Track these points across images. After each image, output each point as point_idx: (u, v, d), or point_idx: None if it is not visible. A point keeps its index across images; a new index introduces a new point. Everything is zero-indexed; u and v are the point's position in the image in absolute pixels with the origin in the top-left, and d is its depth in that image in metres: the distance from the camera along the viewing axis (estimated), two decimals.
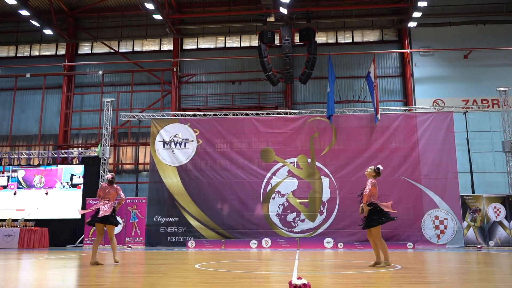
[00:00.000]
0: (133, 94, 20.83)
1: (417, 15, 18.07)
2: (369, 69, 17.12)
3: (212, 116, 17.30)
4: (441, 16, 19.73)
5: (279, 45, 19.02)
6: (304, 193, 16.24)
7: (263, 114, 17.33)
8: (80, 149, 19.76)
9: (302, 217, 16.05)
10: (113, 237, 8.34)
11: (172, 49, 21.05)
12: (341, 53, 20.17)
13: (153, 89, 21.01)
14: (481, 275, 6.58)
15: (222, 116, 17.30)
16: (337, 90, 18.71)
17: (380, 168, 7.72)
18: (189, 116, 17.46)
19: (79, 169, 17.26)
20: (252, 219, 16.14)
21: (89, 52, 21.91)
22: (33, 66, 21.34)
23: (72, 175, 17.19)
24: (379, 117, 16.21)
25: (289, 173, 16.45)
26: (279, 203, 16.20)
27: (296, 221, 16.05)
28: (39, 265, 8.36)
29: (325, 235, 15.56)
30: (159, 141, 16.97)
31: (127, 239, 15.58)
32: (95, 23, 21.61)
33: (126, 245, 15.47)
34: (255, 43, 20.66)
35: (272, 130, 16.84)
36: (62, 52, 21.77)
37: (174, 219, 16.32)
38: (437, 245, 15.22)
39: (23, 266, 8.42)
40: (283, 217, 16.10)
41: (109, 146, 17.44)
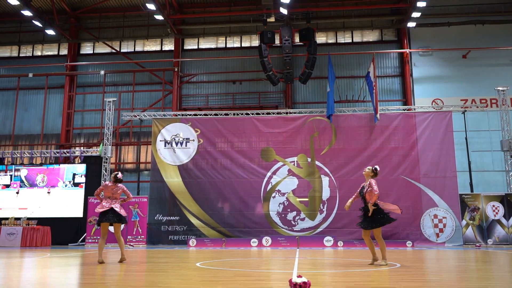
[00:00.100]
0: (134, 94, 20.95)
1: (416, 15, 18.12)
2: (369, 69, 17.20)
3: (213, 115, 17.41)
4: (440, 16, 19.79)
5: (279, 45, 19.06)
6: (304, 192, 16.33)
7: (263, 113, 17.43)
8: (82, 148, 19.91)
9: (302, 215, 16.15)
10: (120, 236, 8.52)
11: (173, 49, 21.14)
12: (340, 53, 20.24)
13: (154, 89, 21.12)
14: (479, 273, 6.63)
15: (222, 115, 17.40)
16: (336, 90, 18.80)
17: (377, 168, 7.86)
18: (190, 115, 17.56)
19: (81, 168, 17.36)
20: (252, 217, 16.24)
21: (91, 52, 22.01)
22: (35, 66, 21.46)
23: (74, 174, 17.29)
24: (378, 116, 16.29)
25: (289, 172, 16.54)
26: (279, 202, 16.30)
27: (296, 220, 16.15)
28: (42, 264, 8.40)
29: (325, 233, 15.66)
30: (161, 141, 17.07)
31: (128, 237, 15.67)
32: (97, 23, 21.71)
33: (127, 243, 15.57)
34: (256, 43, 20.74)
35: (272, 129, 16.93)
36: (64, 52, 21.86)
37: (175, 217, 16.43)
38: (436, 243, 15.30)
39: (26, 264, 8.46)
40: (283, 216, 16.20)
41: (110, 145, 17.53)
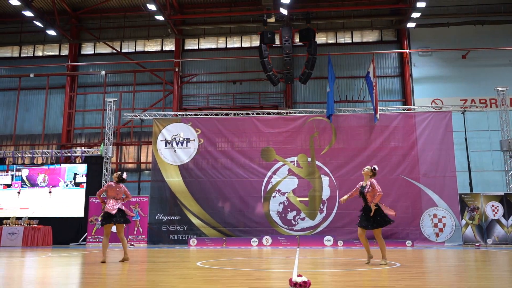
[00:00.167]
0: (135, 94, 21.01)
1: (416, 15, 18.14)
2: (369, 69, 17.25)
3: (213, 115, 17.47)
4: (439, 16, 19.82)
5: (279, 45, 19.08)
6: (304, 191, 16.38)
7: (263, 113, 17.49)
8: (83, 148, 19.98)
9: (302, 215, 16.20)
10: (123, 236, 8.60)
11: (173, 49, 21.18)
12: (340, 53, 20.28)
13: (155, 89, 21.17)
14: (479, 273, 6.66)
15: (223, 115, 17.46)
16: (336, 90, 18.85)
17: (376, 168, 7.95)
18: (190, 115, 17.62)
19: (82, 168, 17.41)
20: (253, 217, 16.30)
21: (92, 52, 22.05)
22: (36, 66, 21.50)
23: (75, 174, 17.34)
24: (378, 116, 16.34)
25: (289, 172, 16.60)
26: (279, 202, 16.35)
27: (296, 219, 16.21)
28: (43, 263, 8.44)
29: (325, 233, 15.72)
30: (161, 141, 17.12)
31: (129, 237, 15.73)
32: (98, 23, 21.75)
33: (128, 243, 15.60)
34: (256, 43, 20.76)
35: (272, 129, 16.98)
36: (65, 52, 21.90)
37: (176, 217, 16.49)
38: (435, 243, 15.35)
39: (27, 263, 8.50)
40: (283, 215, 16.25)
41: (111, 145, 17.57)
